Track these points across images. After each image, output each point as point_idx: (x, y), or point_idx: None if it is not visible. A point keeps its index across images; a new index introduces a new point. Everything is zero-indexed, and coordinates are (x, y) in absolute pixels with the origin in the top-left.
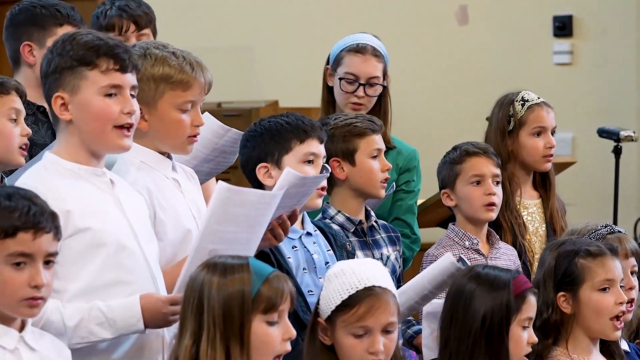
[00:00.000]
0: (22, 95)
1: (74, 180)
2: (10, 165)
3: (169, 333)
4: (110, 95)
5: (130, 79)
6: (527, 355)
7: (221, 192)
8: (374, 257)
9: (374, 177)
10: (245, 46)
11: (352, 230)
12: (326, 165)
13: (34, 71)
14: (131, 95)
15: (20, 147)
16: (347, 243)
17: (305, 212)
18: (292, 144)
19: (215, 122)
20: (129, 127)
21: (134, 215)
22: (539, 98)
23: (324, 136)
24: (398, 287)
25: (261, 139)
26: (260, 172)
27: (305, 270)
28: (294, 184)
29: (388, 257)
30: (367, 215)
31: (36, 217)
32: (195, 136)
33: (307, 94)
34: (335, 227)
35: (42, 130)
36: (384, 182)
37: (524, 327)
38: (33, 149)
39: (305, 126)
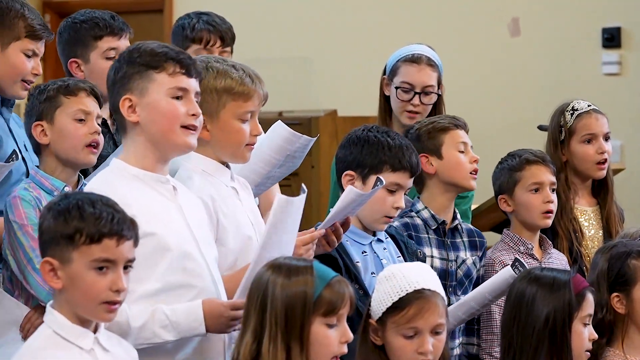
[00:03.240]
0: (97, 97)
1: (139, 186)
2: (79, 164)
3: (229, 335)
4: (176, 98)
5: (195, 84)
6: (587, 351)
7: (281, 203)
8: (448, 258)
9: (462, 168)
10: (304, 58)
11: (433, 228)
12: (380, 177)
13: None
14: (196, 101)
15: (90, 145)
16: (419, 251)
17: None
18: (384, 167)
19: (287, 129)
20: (193, 128)
21: (195, 221)
22: (589, 106)
23: (418, 171)
24: (470, 290)
25: (361, 148)
26: (345, 178)
27: (373, 274)
28: (353, 200)
29: (464, 261)
30: (454, 217)
31: (119, 224)
32: (252, 145)
33: (364, 103)
34: (418, 221)
35: (104, 140)
36: (474, 174)
37: (585, 324)
38: (97, 159)
39: (403, 157)
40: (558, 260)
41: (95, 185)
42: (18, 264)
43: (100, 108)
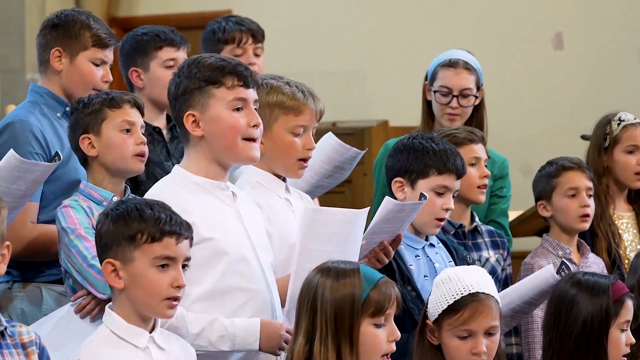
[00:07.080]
0: (139, 108)
1: (199, 193)
2: (129, 172)
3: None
4: (237, 109)
5: (253, 94)
6: (625, 356)
7: (307, 213)
8: (471, 259)
9: (470, 183)
10: (357, 70)
11: (452, 233)
12: (424, 193)
13: (143, 94)
14: (255, 109)
15: (138, 155)
16: (467, 256)
17: None
18: (431, 171)
19: (337, 140)
20: (254, 140)
21: (252, 227)
22: (635, 118)
23: (463, 173)
24: (498, 289)
25: (407, 155)
26: (395, 185)
27: (426, 277)
28: (393, 210)
29: (487, 259)
30: (472, 219)
31: (177, 224)
32: (306, 160)
33: (414, 114)
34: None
35: (158, 148)
36: (482, 188)
37: (623, 330)
38: (150, 166)
39: (448, 160)
40: (595, 264)
41: (156, 191)
42: (76, 267)
43: (141, 115)
